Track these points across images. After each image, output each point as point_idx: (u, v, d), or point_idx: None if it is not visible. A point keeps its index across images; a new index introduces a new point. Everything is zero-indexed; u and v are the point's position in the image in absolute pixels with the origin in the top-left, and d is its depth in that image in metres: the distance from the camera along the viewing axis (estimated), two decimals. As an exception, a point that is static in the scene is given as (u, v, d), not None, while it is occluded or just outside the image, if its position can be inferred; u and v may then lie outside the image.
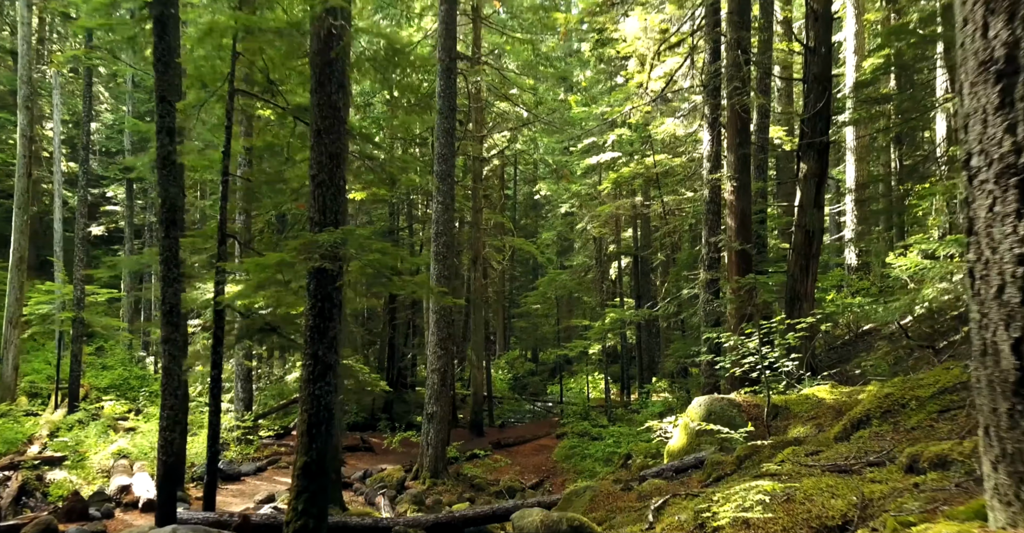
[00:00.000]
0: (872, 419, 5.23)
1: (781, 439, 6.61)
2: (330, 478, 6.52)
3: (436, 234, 14.24)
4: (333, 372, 6.60)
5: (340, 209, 6.78)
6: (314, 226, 6.62)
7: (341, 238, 6.31)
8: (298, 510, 6.24)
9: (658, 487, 6.90)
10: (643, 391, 21.43)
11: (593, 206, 23.76)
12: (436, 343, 14.05)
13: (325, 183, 6.69)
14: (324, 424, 6.47)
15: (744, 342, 8.16)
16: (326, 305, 6.58)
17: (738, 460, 6.59)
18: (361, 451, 17.58)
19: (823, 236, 12.42)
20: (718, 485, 6.40)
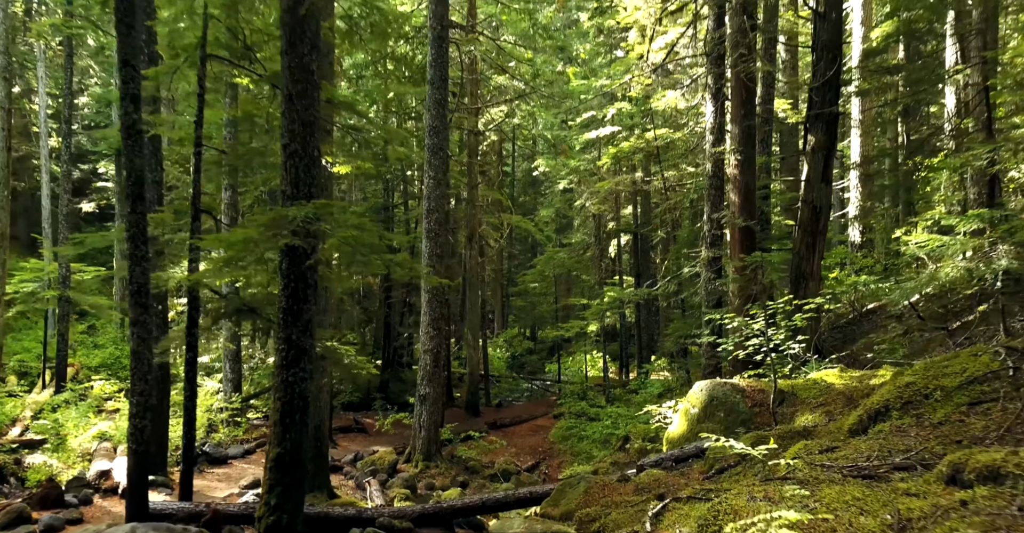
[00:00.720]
0: (892, 410, 4.77)
1: (789, 428, 6.18)
2: (306, 470, 6.10)
3: (428, 210, 13.72)
4: (308, 357, 6.14)
5: (315, 182, 6.26)
6: (286, 200, 6.12)
7: (313, 213, 5.81)
8: (271, 505, 5.82)
9: (657, 478, 6.49)
10: (642, 371, 21.06)
11: (592, 182, 23.19)
12: (429, 323, 13.61)
13: (298, 153, 6.17)
14: (299, 413, 6.03)
15: (748, 324, 7.69)
16: (300, 286, 6.09)
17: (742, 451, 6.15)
18: (354, 432, 17.23)
19: (830, 212, 11.91)
20: (721, 478, 5.98)
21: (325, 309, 10.55)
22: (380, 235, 6.15)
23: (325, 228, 5.93)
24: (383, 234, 6.36)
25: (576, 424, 17.60)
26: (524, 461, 15.57)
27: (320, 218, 5.94)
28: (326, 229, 5.97)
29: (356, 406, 23.11)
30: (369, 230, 6.08)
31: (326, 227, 6.09)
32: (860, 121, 21.14)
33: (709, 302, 12.16)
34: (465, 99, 20.87)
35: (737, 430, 7.39)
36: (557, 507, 6.72)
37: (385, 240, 6.35)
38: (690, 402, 8.06)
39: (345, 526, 7.38)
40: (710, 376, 11.95)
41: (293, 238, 5.91)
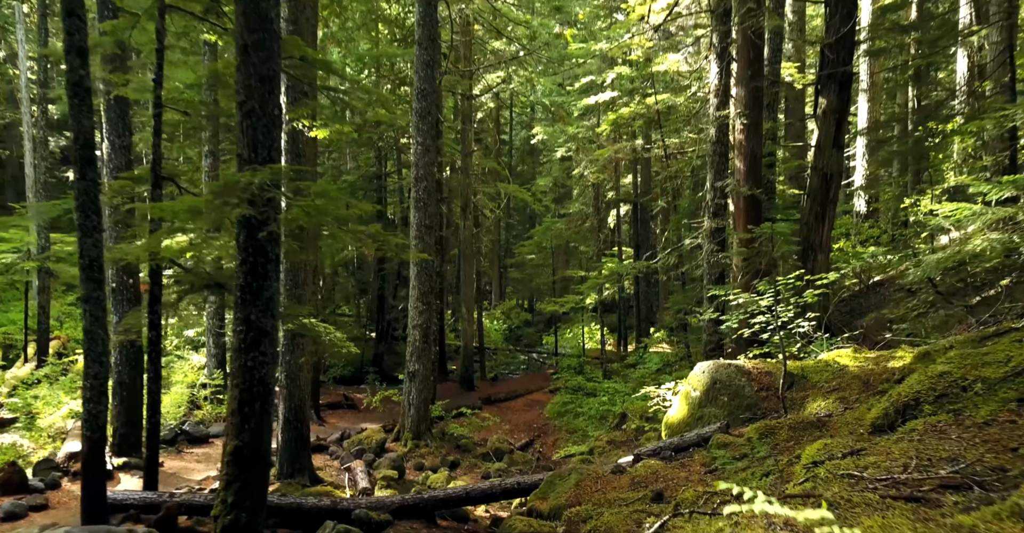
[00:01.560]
0: (923, 404, 4.17)
1: (800, 417, 5.60)
2: (268, 463, 5.54)
3: (417, 179, 13.03)
4: (270, 339, 5.53)
5: (275, 145, 5.58)
6: (243, 165, 5.45)
7: (270, 179, 5.15)
8: (228, 503, 5.27)
9: (655, 471, 5.93)
10: (640, 344, 20.55)
11: (591, 150, 22.41)
12: (417, 297, 13.01)
13: (255, 112, 5.48)
14: (259, 401, 5.44)
15: (755, 300, 7.08)
16: (259, 260, 5.46)
17: (749, 443, 5.58)
18: (343, 408, 16.76)
19: (841, 180, 11.23)
20: (725, 473, 5.42)
21: (302, 283, 9.94)
22: (348, 203, 5.49)
23: (285, 196, 5.27)
24: (351, 203, 5.70)
25: (572, 399, 17.13)
26: (518, 438, 15.11)
27: (278, 185, 5.28)
28: (288, 197, 5.31)
29: (348, 380, 22.67)
30: (334, 198, 5.42)
31: (287, 195, 5.43)
32: (868, 86, 20.31)
33: (711, 275, 11.55)
34: (459, 64, 19.99)
35: (742, 416, 6.83)
36: (546, 501, 6.19)
37: (355, 209, 5.70)
38: (691, 385, 7.49)
39: (319, 518, 6.88)
40: (712, 353, 11.39)
41: (249, 207, 5.26)
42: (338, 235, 5.68)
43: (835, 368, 6.94)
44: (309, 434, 10.29)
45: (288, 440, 9.96)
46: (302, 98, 9.58)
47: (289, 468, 9.96)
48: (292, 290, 9.93)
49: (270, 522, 7.10)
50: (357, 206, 5.75)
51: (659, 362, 16.32)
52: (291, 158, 9.84)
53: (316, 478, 10.32)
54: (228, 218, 5.22)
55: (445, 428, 14.21)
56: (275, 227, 5.08)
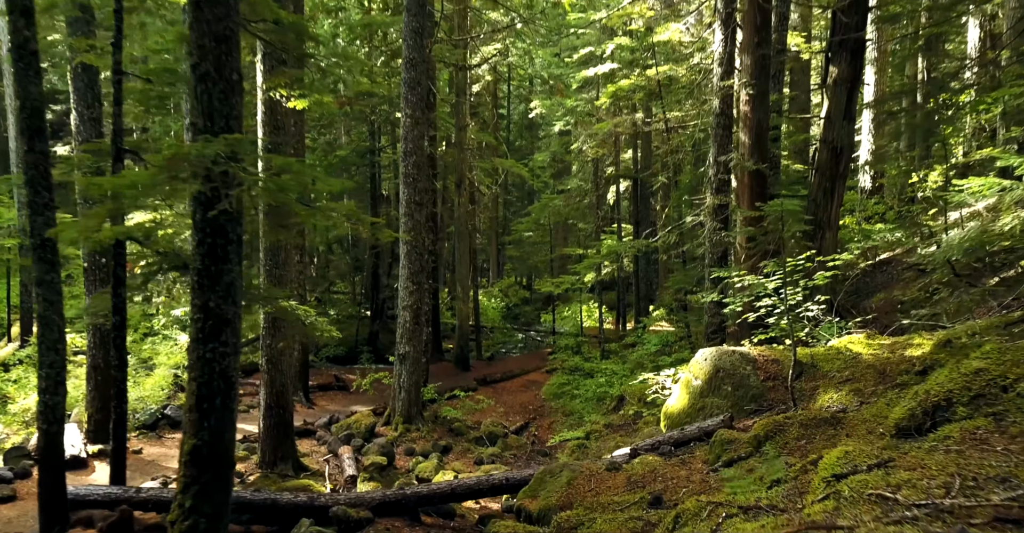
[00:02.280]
0: (956, 405, 3.69)
1: (813, 413, 5.12)
2: (231, 464, 5.07)
3: (406, 153, 12.45)
4: (231, 328, 5.04)
5: (234, 113, 5.03)
6: (197, 135, 4.91)
7: (226, 151, 4.61)
8: (186, 507, 4.81)
9: (653, 469, 5.48)
10: (639, 324, 20.11)
11: (589, 123, 21.74)
12: (407, 277, 12.50)
13: (210, 76, 4.92)
14: (220, 396, 4.96)
15: (762, 283, 6.58)
16: (218, 241, 4.94)
17: (756, 440, 5.12)
18: (334, 390, 16.34)
19: (852, 153, 10.67)
20: (729, 471, 4.96)
21: (283, 263, 9.43)
22: (314, 178, 4.96)
23: (244, 170, 4.73)
24: (319, 178, 5.16)
25: (569, 381, 16.72)
26: (513, 421, 14.72)
27: (236, 158, 4.74)
28: (243, 172, 4.77)
29: (342, 359, 22.27)
30: (298, 173, 4.88)
31: (249, 170, 4.89)
32: (876, 56, 19.60)
33: (713, 254, 11.04)
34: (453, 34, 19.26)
35: (746, 407, 6.37)
36: (535, 500, 5.75)
37: (324, 186, 5.16)
38: (692, 372, 7.02)
39: (295, 515, 6.45)
40: (713, 336, 10.93)
41: (203, 183, 4.73)
42: (303, 214, 5.15)
43: (847, 356, 6.46)
44: (292, 420, 9.86)
45: (270, 427, 9.53)
46: (279, 66, 8.98)
47: (271, 456, 9.54)
48: (272, 271, 9.42)
49: (243, 518, 6.68)
50: (326, 182, 5.21)
51: (658, 342, 15.88)
52: (269, 130, 9.28)
53: (300, 466, 9.92)
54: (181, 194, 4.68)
55: (438, 411, 13.81)
56: (228, 205, 4.55)
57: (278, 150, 9.26)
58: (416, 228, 12.38)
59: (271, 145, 9.27)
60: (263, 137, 9.28)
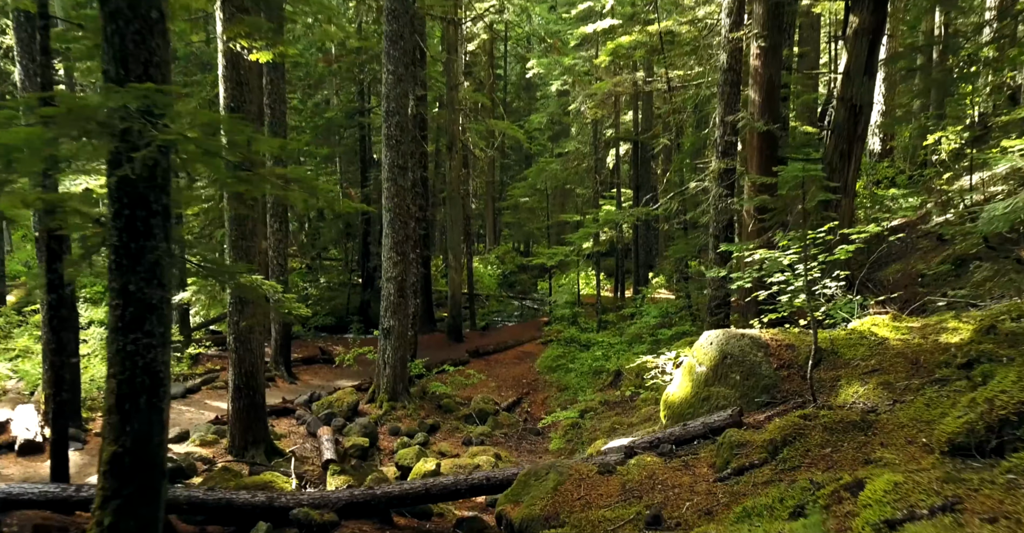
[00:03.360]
0: (1031, 422, 2.95)
1: (839, 416, 4.39)
2: (161, 472, 4.38)
3: (388, 113, 11.55)
4: (158, 315, 4.28)
5: (155, 59, 4.18)
6: (108, 84, 4.08)
7: (138, 104, 3.78)
8: (104, 525, 4.11)
9: (651, 473, 4.78)
10: (638, 294, 19.39)
11: (588, 83, 20.69)
12: (391, 247, 11.73)
13: (122, 14, 4.06)
14: (145, 394, 4.24)
15: (776, 258, 5.81)
16: (138, 214, 4.16)
17: (771, 445, 4.41)
18: (319, 363, 15.67)
19: (871, 112, 9.80)
20: (740, 481, 4.25)
21: (250, 234, 8.64)
22: (251, 139, 4.14)
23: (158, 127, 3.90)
24: (255, 137, 4.34)
25: (565, 352, 16.08)
26: (505, 396, 14.11)
27: (152, 112, 3.92)
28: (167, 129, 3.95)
29: (332, 329, 21.61)
30: (233, 130, 4.06)
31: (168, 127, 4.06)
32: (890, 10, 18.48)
33: (718, 223, 10.23)
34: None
35: (757, 399, 5.66)
36: (518, 506, 5.06)
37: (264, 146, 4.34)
38: (696, 357, 6.29)
39: (253, 516, 5.80)
40: (717, 310, 10.20)
41: (116, 141, 3.92)
42: (230, 182, 4.35)
43: (872, 341, 5.72)
44: (264, 401, 9.19)
45: (239, 410, 8.86)
46: (239, 14, 8.05)
47: (241, 440, 8.90)
48: (238, 242, 8.64)
49: (198, 518, 6.04)
50: (266, 143, 4.39)
51: (658, 314, 15.18)
52: (231, 87, 8.39)
53: (274, 450, 9.28)
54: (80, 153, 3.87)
55: (426, 386, 13.17)
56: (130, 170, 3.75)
57: (241, 109, 8.40)
58: (400, 194, 11.56)
59: (234, 104, 8.40)
60: (224, 95, 8.40)
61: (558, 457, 10.29)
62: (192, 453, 8.65)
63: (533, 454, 10.85)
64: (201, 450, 8.86)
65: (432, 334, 19.52)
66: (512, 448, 11.03)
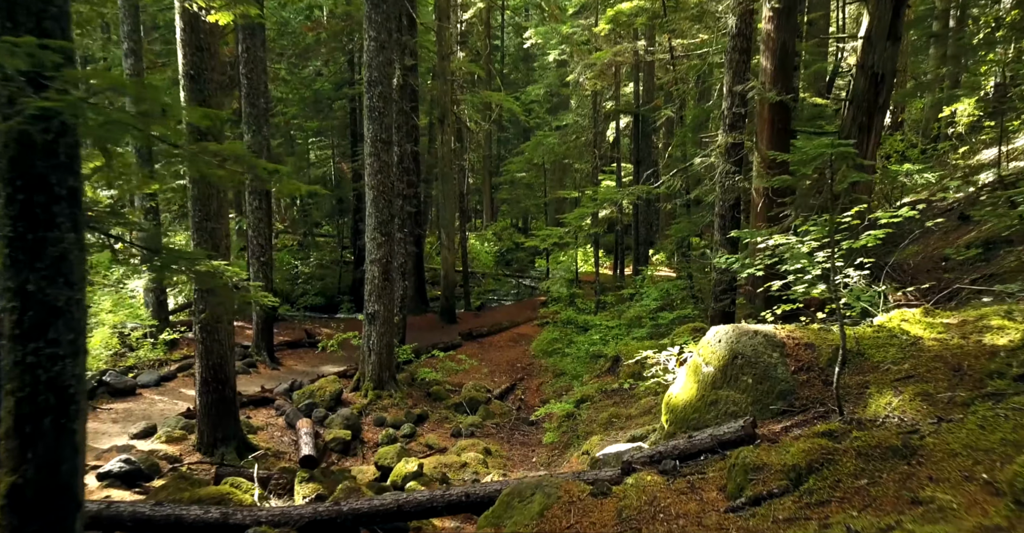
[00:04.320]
0: None
1: (874, 437, 3.71)
2: (76, 504, 3.73)
3: (370, 82, 10.74)
4: (66, 320, 3.59)
5: (52, 11, 3.44)
6: (-5, 41, 3.34)
7: (28, 64, 3.04)
8: (3, 571, 3.49)
9: (652, 498, 4.13)
10: (638, 274, 18.71)
11: (587, 51, 19.77)
12: (375, 226, 11.01)
13: (7, -49, 3.32)
14: (51, 414, 3.56)
15: (795, 246, 5.11)
16: (37, 199, 3.45)
17: (793, 472, 3.74)
18: (305, 347, 15.02)
19: (894, 80, 9.02)
20: (756, 513, 3.59)
21: (215, 215, 7.91)
22: (164, 107, 3.42)
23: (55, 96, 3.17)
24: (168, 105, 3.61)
25: (562, 335, 15.44)
26: (499, 382, 13.50)
27: (44, 74, 3.18)
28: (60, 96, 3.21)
29: (322, 308, 20.99)
30: (144, 99, 3.33)
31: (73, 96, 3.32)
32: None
33: (725, 202, 9.51)
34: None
35: (772, 406, 4.99)
36: (499, 530, 4.43)
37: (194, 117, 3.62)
38: (702, 356, 5.62)
39: None
40: (722, 296, 9.52)
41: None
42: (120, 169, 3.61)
43: (903, 340, 5.04)
44: (235, 395, 8.55)
45: (208, 405, 8.23)
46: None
47: (210, 437, 8.28)
48: (202, 224, 7.92)
49: (146, 536, 5.42)
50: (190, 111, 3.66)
51: (658, 296, 14.50)
52: (190, 52, 7.60)
53: (247, 446, 8.67)
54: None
55: (415, 373, 12.55)
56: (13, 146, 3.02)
57: (201, 77, 7.62)
58: (383, 170, 10.81)
59: (194, 71, 7.62)
60: (183, 61, 7.62)
61: (551, 451, 9.70)
62: (156, 451, 8.03)
63: (526, 446, 10.26)
64: (167, 447, 8.24)
65: (424, 315, 18.88)
66: (504, 440, 10.43)
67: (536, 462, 9.36)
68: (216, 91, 7.84)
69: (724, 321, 9.71)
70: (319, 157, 31.04)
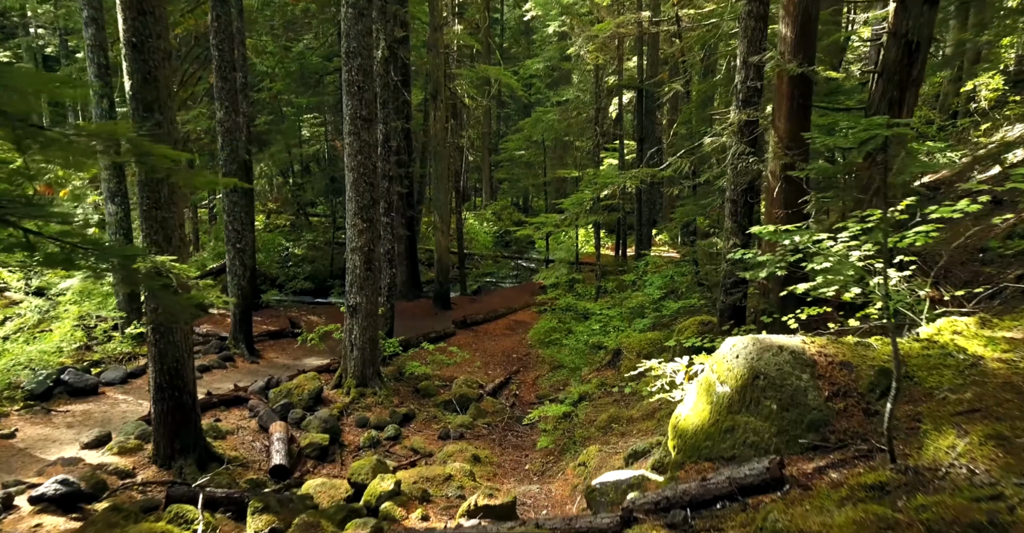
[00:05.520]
0: None
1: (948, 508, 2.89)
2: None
3: (348, 54, 9.79)
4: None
5: None
6: None
7: None
8: None
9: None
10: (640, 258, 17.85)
11: (588, 23, 18.70)
12: (355, 212, 10.14)
13: None
14: None
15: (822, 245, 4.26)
16: None
17: (841, 548, 2.91)
18: (288, 337, 14.19)
19: (928, 50, 8.04)
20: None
21: (166, 203, 7.05)
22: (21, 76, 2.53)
23: None
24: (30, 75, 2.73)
25: (560, 324, 14.64)
26: (493, 375, 12.72)
27: None
28: None
29: (312, 293, 20.14)
30: None
31: None
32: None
33: (737, 186, 8.60)
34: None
35: (803, 439, 4.17)
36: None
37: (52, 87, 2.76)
38: (716, 372, 4.78)
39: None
40: (733, 290, 8.67)
41: None
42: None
43: (960, 361, 4.19)
44: (195, 401, 7.74)
45: (163, 413, 7.43)
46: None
47: (168, 448, 7.50)
48: (151, 213, 7.06)
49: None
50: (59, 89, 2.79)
51: (662, 284, 13.65)
52: (132, 15, 6.68)
53: (211, 456, 7.91)
54: None
55: (402, 367, 11.77)
56: None
57: (145, 45, 6.71)
58: (364, 151, 9.91)
59: (136, 39, 6.71)
60: (123, 26, 6.71)
61: (546, 458, 8.93)
62: (106, 465, 7.26)
63: (519, 450, 9.49)
64: (119, 460, 7.46)
65: (418, 301, 18.07)
66: (495, 443, 9.67)
67: (529, 470, 8.60)
68: (164, 62, 6.94)
69: (735, 317, 8.88)
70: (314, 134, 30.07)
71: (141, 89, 6.87)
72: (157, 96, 6.96)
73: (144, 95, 6.89)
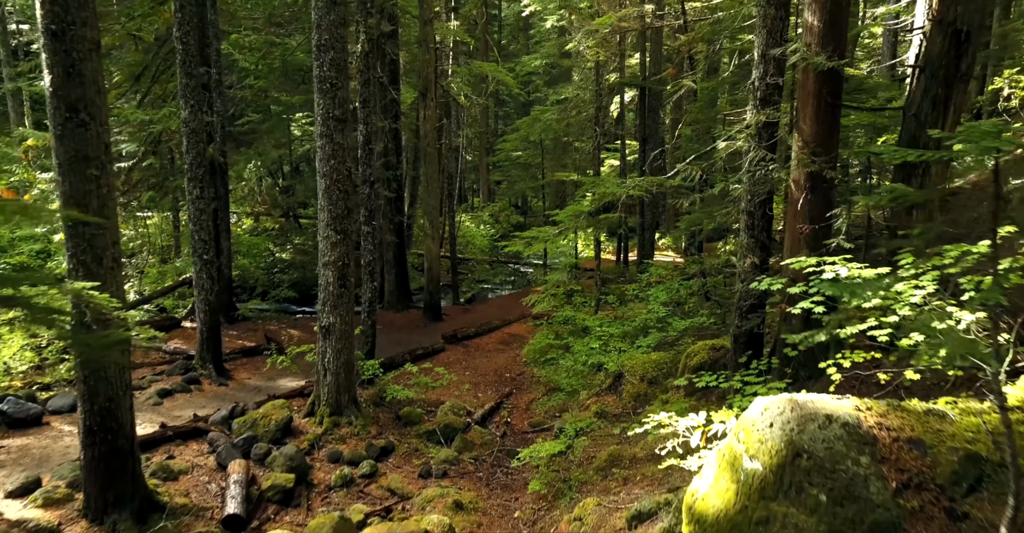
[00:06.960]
0: None
1: None
2: None
3: (319, 47, 8.79)
4: None
5: None
6: None
7: None
8: None
9: None
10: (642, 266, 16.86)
11: (588, 17, 17.68)
12: (327, 223, 9.13)
13: None
14: None
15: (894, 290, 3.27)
16: None
17: None
18: (262, 355, 13.12)
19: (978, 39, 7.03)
20: None
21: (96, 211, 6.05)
22: None
23: None
24: None
25: (557, 340, 13.61)
26: (483, 398, 11.73)
27: None
28: None
29: (297, 301, 19.12)
30: None
31: None
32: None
33: (754, 196, 7.60)
34: None
35: (863, 548, 3.14)
36: None
37: None
38: (745, 444, 3.78)
39: None
40: (749, 314, 7.67)
41: None
42: None
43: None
44: (133, 444, 6.75)
45: (94, 459, 6.43)
46: None
47: (99, 501, 6.50)
48: (77, 228, 6.06)
49: None
50: None
51: (666, 297, 12.62)
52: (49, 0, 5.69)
53: (153, 506, 6.92)
54: None
55: (383, 391, 10.76)
56: None
57: (66, 34, 5.72)
58: (337, 155, 8.91)
59: (56, 26, 5.72)
60: (41, 12, 5.72)
61: (538, 503, 7.92)
62: (27, 521, 6.27)
63: (509, 491, 8.49)
64: (43, 514, 6.47)
65: (407, 312, 17.06)
66: (482, 482, 8.66)
67: (519, 519, 7.60)
68: (92, 53, 5.94)
69: (751, 346, 7.86)
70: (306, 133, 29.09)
71: (63, 85, 5.88)
72: (83, 93, 5.97)
73: (67, 92, 5.90)
